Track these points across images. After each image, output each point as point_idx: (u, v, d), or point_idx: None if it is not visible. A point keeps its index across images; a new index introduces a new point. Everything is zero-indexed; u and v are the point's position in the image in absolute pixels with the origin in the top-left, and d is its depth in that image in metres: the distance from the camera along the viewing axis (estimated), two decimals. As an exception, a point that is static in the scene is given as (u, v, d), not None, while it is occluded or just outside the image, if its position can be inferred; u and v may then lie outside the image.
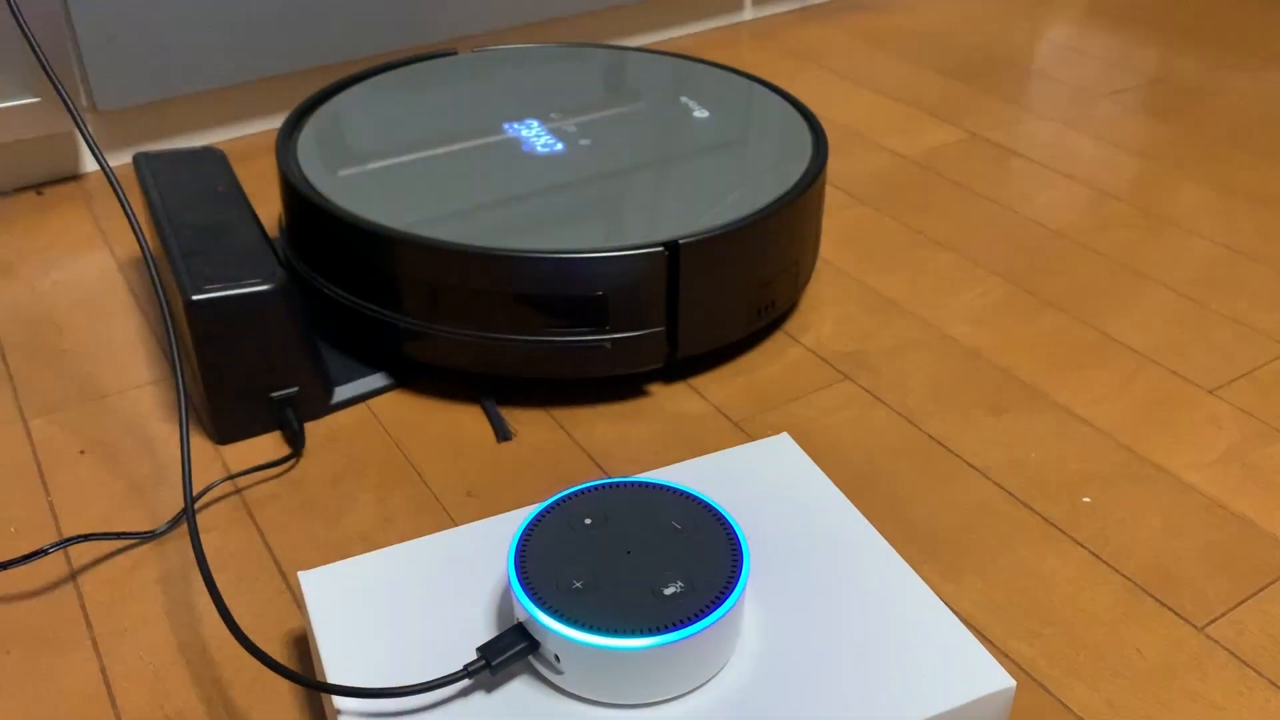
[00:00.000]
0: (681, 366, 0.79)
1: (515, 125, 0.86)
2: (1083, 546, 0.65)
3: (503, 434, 0.72)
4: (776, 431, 0.73)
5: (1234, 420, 0.75)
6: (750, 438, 0.73)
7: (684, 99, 0.89)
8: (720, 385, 0.78)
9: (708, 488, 0.59)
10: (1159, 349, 0.82)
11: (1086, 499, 0.68)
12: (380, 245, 0.72)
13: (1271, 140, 1.13)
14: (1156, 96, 1.22)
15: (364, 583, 0.53)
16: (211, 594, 0.51)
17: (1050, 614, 0.60)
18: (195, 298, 0.67)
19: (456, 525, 0.61)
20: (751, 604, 0.52)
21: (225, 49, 1.05)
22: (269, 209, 0.99)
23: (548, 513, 0.52)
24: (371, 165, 0.81)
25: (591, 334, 0.72)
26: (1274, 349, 0.82)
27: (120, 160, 1.07)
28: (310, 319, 0.72)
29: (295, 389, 0.72)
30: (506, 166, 0.81)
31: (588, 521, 0.51)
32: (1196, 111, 1.19)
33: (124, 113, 1.05)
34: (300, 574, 0.53)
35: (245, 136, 1.13)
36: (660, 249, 0.71)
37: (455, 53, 0.98)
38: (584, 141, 0.84)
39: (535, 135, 0.85)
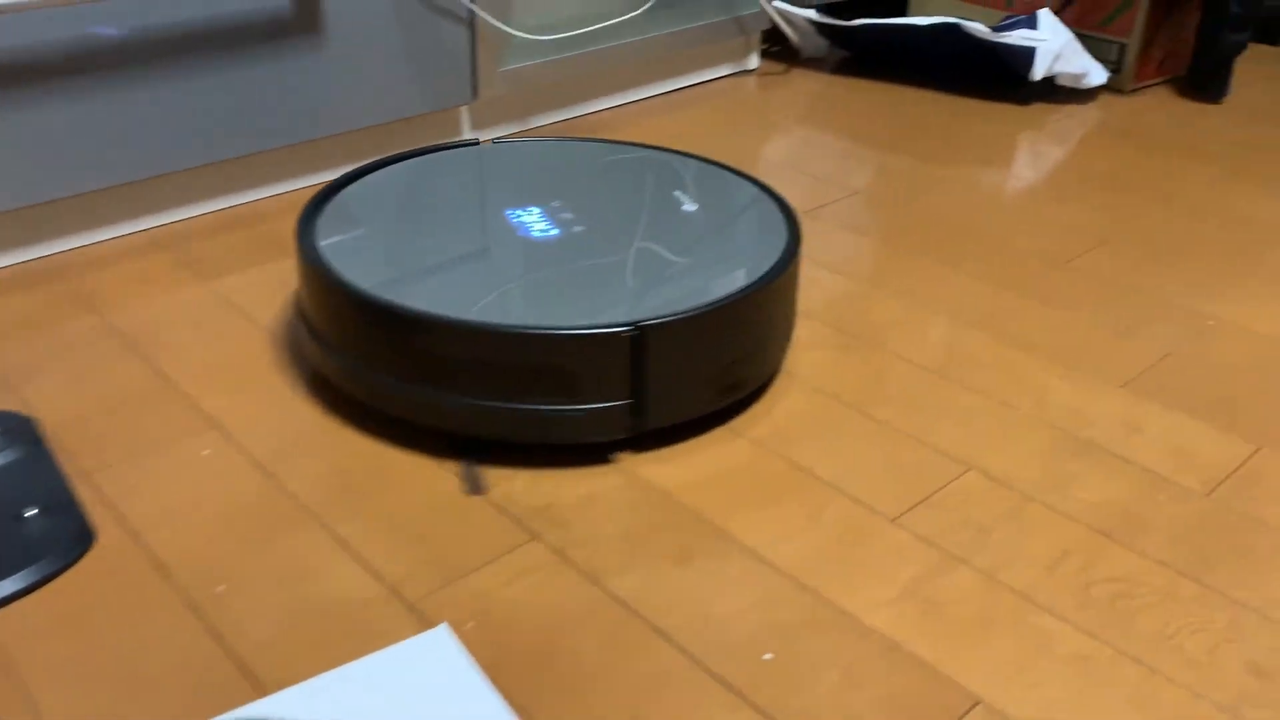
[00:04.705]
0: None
1: (518, 211, 0.96)
2: (763, 713, 0.63)
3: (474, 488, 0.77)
4: (458, 612, 0.69)
5: (914, 550, 0.75)
6: (427, 623, 0.68)
7: (676, 192, 1.00)
8: (392, 554, 0.72)
9: (340, 710, 0.53)
10: (846, 477, 0.82)
11: (768, 655, 0.66)
12: (369, 311, 0.81)
13: (957, 245, 1.18)
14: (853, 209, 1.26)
15: None
16: None
17: (726, 799, 0.58)
18: None
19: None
20: None
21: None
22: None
23: None
24: (380, 244, 0.89)
25: (561, 404, 0.80)
26: (952, 469, 0.83)
27: None
28: None
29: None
30: (503, 249, 0.90)
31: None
32: (893, 222, 1.24)
33: None
34: None
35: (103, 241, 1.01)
36: (629, 328, 0.78)
37: (478, 142, 1.08)
38: (578, 228, 0.93)
39: (534, 221, 0.94)
